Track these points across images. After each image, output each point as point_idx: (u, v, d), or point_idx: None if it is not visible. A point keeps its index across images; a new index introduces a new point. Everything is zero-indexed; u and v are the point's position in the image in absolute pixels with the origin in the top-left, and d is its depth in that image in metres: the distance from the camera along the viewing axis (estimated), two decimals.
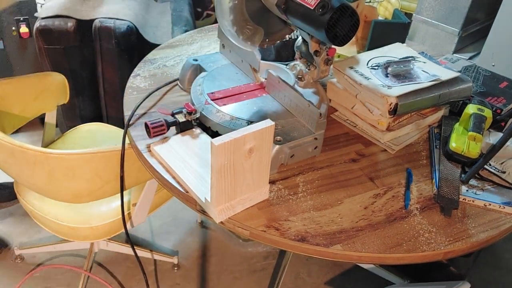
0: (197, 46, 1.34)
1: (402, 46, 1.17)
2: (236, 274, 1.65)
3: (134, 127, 0.97)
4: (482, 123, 0.92)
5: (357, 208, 0.82)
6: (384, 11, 1.86)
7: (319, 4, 0.78)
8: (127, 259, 1.68)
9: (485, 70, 1.20)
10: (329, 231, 0.77)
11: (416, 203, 0.85)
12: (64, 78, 1.40)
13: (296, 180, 0.87)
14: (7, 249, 1.67)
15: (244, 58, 1.07)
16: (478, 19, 1.85)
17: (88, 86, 1.94)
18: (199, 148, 0.89)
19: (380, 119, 0.98)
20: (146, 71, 1.18)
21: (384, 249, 0.75)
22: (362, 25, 1.29)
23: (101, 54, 1.81)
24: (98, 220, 1.23)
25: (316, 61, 0.96)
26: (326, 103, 1.00)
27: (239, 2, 0.88)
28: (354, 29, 0.81)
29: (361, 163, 0.94)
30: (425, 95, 0.97)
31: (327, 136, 0.99)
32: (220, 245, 1.76)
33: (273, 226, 0.76)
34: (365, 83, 0.98)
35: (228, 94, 1.00)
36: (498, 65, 1.66)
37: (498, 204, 0.85)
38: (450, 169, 0.91)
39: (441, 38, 1.84)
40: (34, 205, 1.27)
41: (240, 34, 0.92)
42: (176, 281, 1.61)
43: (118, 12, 1.78)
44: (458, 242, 0.78)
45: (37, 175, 1.03)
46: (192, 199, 0.81)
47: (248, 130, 0.68)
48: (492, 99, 1.08)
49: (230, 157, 0.68)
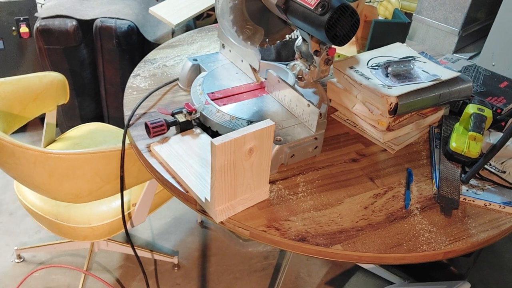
0: (197, 46, 1.34)
1: (402, 46, 1.17)
2: (237, 274, 1.65)
3: (134, 127, 0.97)
4: (483, 123, 0.92)
5: (357, 208, 0.82)
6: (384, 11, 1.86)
7: (319, 4, 0.78)
8: (127, 259, 1.68)
9: (485, 70, 1.20)
10: (329, 231, 0.77)
11: (416, 203, 0.85)
12: (64, 78, 1.40)
13: (296, 180, 0.87)
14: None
15: (244, 58, 1.07)
16: (478, 18, 1.85)
17: (88, 86, 1.95)
18: (199, 148, 0.89)
19: (380, 119, 0.97)
20: (146, 71, 1.18)
21: (384, 249, 0.75)
22: (362, 25, 1.29)
23: (102, 53, 1.81)
24: (98, 220, 1.23)
25: (316, 61, 0.96)
26: (326, 103, 1.00)
27: (239, 2, 0.88)
28: (354, 29, 0.81)
29: (361, 163, 0.94)
30: (425, 95, 0.97)
31: (327, 136, 0.99)
32: (220, 245, 1.76)
33: (273, 226, 0.76)
34: (365, 83, 0.98)
35: (228, 94, 1.00)
36: (498, 64, 1.66)
37: (498, 204, 0.85)
38: (450, 169, 0.91)
39: (441, 38, 1.84)
40: (34, 205, 1.27)
41: (240, 34, 0.92)
42: (176, 281, 1.61)
43: (119, 12, 1.78)
44: (458, 242, 0.78)
45: (37, 175, 1.03)
46: (192, 199, 0.81)
47: (248, 130, 0.68)
48: (492, 99, 1.08)
49: (230, 157, 0.68)
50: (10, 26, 1.93)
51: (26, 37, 1.97)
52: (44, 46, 1.77)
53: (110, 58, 1.81)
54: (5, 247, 1.68)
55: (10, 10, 1.91)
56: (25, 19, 1.93)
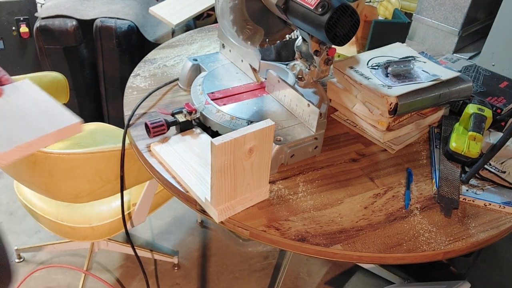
0: (197, 46, 1.34)
1: (402, 46, 1.17)
2: (236, 274, 1.65)
3: (134, 127, 0.97)
4: (482, 123, 0.92)
5: (357, 208, 0.82)
6: (384, 11, 1.86)
7: (319, 4, 0.78)
8: (127, 259, 1.68)
9: (485, 70, 1.20)
10: (329, 231, 0.77)
11: (416, 203, 0.85)
12: (64, 78, 1.40)
13: (296, 180, 0.87)
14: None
15: (244, 58, 1.07)
16: (478, 18, 1.85)
17: (88, 86, 1.95)
18: (199, 148, 0.89)
19: (380, 119, 0.97)
20: (146, 71, 1.18)
21: (384, 249, 0.75)
22: (362, 25, 1.29)
23: (102, 53, 1.81)
24: (98, 220, 1.23)
25: (316, 61, 0.96)
26: (326, 103, 1.00)
27: (239, 2, 0.88)
28: (354, 29, 0.81)
29: (361, 163, 0.94)
30: (425, 95, 0.97)
31: (327, 136, 0.99)
32: (220, 245, 1.76)
33: (273, 226, 0.76)
34: (365, 83, 0.98)
35: (228, 94, 1.00)
36: (498, 64, 1.66)
37: (498, 204, 0.85)
38: (450, 169, 0.91)
39: (441, 38, 1.84)
40: (34, 205, 1.27)
41: (240, 34, 0.92)
42: (176, 281, 1.61)
43: (119, 12, 1.78)
44: (458, 242, 0.78)
45: (37, 175, 1.03)
46: (192, 199, 0.81)
47: (248, 130, 0.68)
48: (492, 99, 1.08)
49: (230, 157, 0.68)
50: (10, 26, 1.93)
51: (26, 37, 1.97)
52: (44, 46, 1.77)
53: (110, 58, 1.81)
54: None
55: (10, 10, 1.91)
56: (25, 19, 1.94)
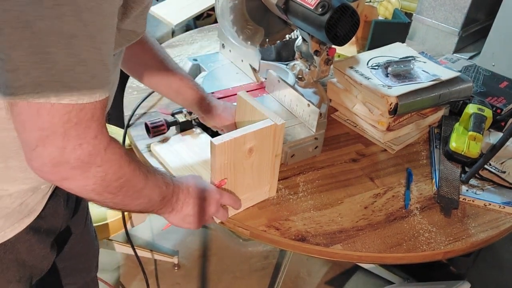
0: (197, 46, 1.34)
1: (402, 46, 1.17)
2: (237, 273, 1.65)
3: (134, 127, 0.97)
4: (482, 123, 0.92)
5: (357, 207, 0.82)
6: (384, 11, 1.86)
7: (319, 4, 0.78)
8: (127, 259, 1.68)
9: (485, 70, 1.20)
10: (329, 230, 0.77)
11: (416, 203, 0.85)
12: None
13: (297, 179, 0.87)
14: None
15: (244, 58, 1.07)
16: (478, 19, 1.85)
17: None
18: (199, 148, 0.89)
19: (380, 119, 0.98)
20: None
21: (384, 248, 0.75)
22: (362, 25, 1.29)
23: None
24: (98, 220, 1.23)
25: (316, 61, 0.96)
26: (327, 103, 1.00)
27: (239, 2, 0.88)
28: (354, 29, 0.81)
29: (361, 163, 0.94)
30: (425, 95, 0.97)
31: (327, 136, 0.99)
32: (220, 244, 1.76)
33: (273, 226, 0.76)
34: (365, 83, 0.98)
35: (228, 94, 1.00)
36: (498, 65, 1.66)
37: (498, 204, 0.85)
38: (450, 169, 0.91)
39: (441, 38, 1.84)
40: None
41: (240, 34, 0.92)
42: (177, 280, 1.61)
43: None
44: (458, 242, 0.78)
45: None
46: None
47: (248, 130, 0.68)
48: (492, 99, 1.08)
49: (230, 156, 0.68)
50: None
51: None
52: None
53: None
54: None
55: None
56: None
